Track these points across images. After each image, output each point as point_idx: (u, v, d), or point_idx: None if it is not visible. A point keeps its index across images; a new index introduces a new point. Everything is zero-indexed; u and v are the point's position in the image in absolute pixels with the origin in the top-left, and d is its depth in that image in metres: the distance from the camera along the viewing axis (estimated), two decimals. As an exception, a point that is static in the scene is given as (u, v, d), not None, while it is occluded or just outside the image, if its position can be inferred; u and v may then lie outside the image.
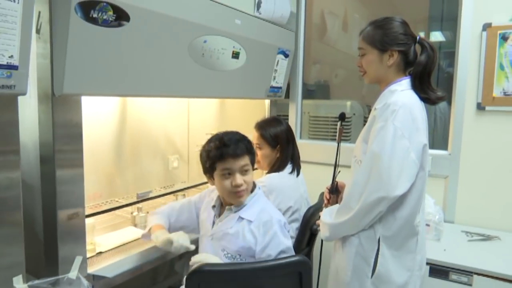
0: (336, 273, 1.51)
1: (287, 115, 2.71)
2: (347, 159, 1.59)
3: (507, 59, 1.97)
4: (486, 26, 2.00)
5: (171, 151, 2.29)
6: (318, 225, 1.57)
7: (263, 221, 1.45)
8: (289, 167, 1.98)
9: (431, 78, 1.45)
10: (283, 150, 1.97)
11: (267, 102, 2.60)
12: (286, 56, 2.35)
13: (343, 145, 1.64)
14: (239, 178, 1.44)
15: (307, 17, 2.62)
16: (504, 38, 1.97)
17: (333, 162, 1.57)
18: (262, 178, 1.96)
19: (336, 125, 2.63)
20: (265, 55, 2.18)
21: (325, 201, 1.64)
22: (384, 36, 1.43)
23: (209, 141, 1.51)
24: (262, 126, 1.99)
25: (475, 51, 2.04)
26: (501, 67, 1.98)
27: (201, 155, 1.53)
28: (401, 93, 1.40)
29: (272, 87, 2.33)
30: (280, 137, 1.97)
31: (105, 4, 1.25)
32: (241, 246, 1.44)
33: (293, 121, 2.63)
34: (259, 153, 1.96)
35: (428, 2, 2.61)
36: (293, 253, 1.48)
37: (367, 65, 1.48)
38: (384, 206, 1.33)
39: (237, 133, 1.51)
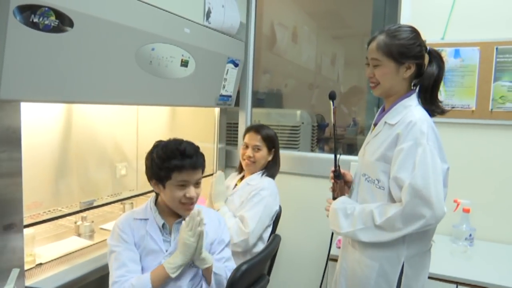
0: None
1: (237, 123, 2.75)
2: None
3: (438, 73, 2.13)
4: (421, 43, 2.16)
5: (119, 159, 2.25)
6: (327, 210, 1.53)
7: (214, 220, 1.57)
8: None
9: (438, 90, 1.41)
10: (276, 153, 2.11)
11: (217, 110, 2.63)
12: (236, 65, 2.39)
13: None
14: (193, 191, 1.42)
15: (257, 28, 2.68)
16: (436, 54, 2.13)
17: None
18: (262, 184, 2.00)
19: (285, 134, 2.73)
20: (214, 64, 2.21)
21: (332, 188, 1.60)
22: (402, 48, 1.35)
23: (163, 146, 1.43)
24: (261, 129, 2.08)
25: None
26: (434, 81, 2.14)
27: (152, 160, 1.43)
28: (417, 109, 1.36)
29: (221, 95, 2.36)
30: (275, 141, 2.10)
31: (46, 9, 1.23)
32: None
33: (243, 129, 2.65)
34: (257, 155, 2.05)
35: (370, 18, 2.76)
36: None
37: (382, 77, 1.40)
38: (425, 228, 1.28)
39: (192, 143, 1.47)
